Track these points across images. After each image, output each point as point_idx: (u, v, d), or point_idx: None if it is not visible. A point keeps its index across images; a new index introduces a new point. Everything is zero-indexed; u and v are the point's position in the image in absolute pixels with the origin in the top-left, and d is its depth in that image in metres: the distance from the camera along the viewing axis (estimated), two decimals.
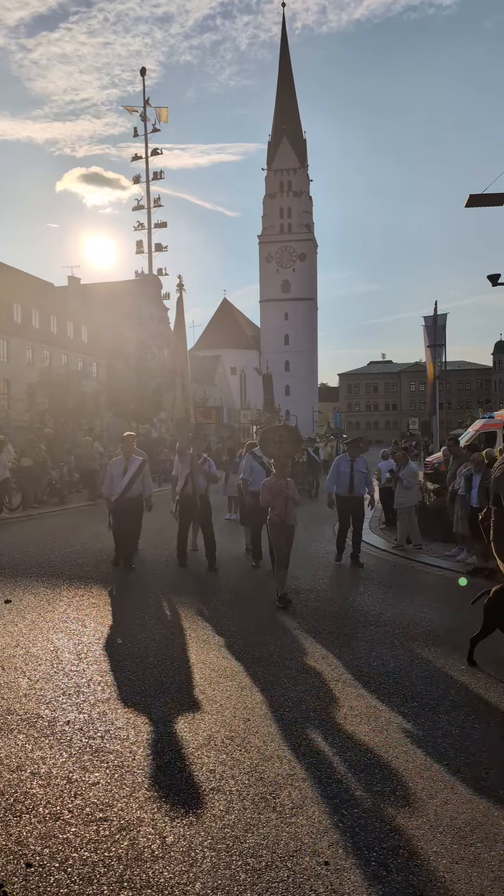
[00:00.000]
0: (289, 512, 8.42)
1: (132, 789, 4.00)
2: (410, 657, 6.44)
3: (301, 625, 7.49)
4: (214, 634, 7.16)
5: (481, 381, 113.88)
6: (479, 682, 5.79)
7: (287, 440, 8.86)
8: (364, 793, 3.96)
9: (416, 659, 6.39)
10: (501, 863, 3.31)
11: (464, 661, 6.24)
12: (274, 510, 8.36)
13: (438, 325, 26.01)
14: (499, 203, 15.19)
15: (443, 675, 5.96)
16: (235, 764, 4.32)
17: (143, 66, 60.22)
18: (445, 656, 6.45)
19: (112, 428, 39.61)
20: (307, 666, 6.18)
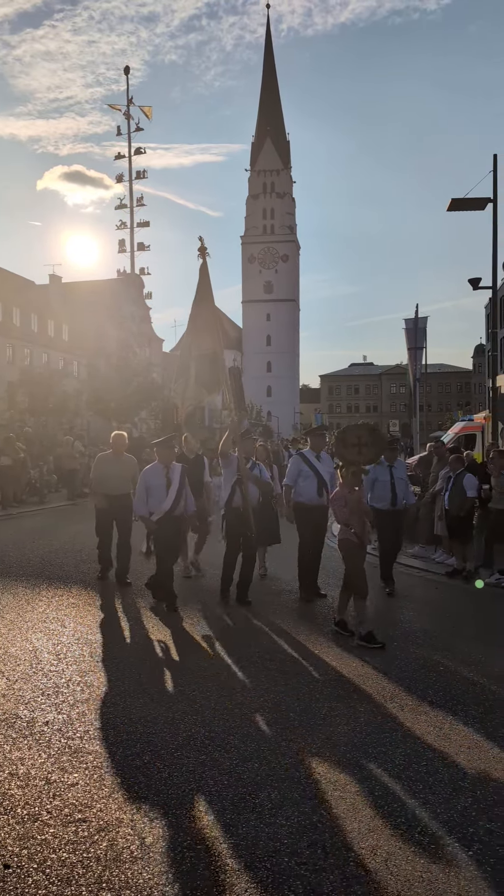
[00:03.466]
0: (366, 531, 7.26)
1: (111, 790, 3.99)
2: (390, 658, 6.47)
3: (281, 626, 7.50)
4: (195, 635, 7.15)
5: (461, 383, 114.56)
6: (459, 683, 5.83)
7: (369, 443, 7.35)
8: (343, 793, 3.98)
9: (396, 660, 6.42)
10: (479, 863, 3.33)
11: (443, 663, 6.27)
12: (350, 528, 7.10)
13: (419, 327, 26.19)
14: (480, 207, 15.36)
15: (422, 676, 5.99)
16: (215, 764, 4.32)
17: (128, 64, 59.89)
18: (424, 657, 6.48)
19: (92, 427, 39.45)
20: (287, 667, 6.20)
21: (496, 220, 15.48)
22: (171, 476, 8.26)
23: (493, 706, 5.32)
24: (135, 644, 6.84)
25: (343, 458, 7.38)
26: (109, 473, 9.57)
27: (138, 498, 8.36)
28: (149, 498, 8.25)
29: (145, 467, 8.61)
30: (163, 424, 39.54)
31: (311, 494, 8.75)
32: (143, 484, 8.33)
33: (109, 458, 9.70)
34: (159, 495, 8.20)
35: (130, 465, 9.73)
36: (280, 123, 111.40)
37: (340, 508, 7.14)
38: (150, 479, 8.30)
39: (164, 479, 8.23)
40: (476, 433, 22.12)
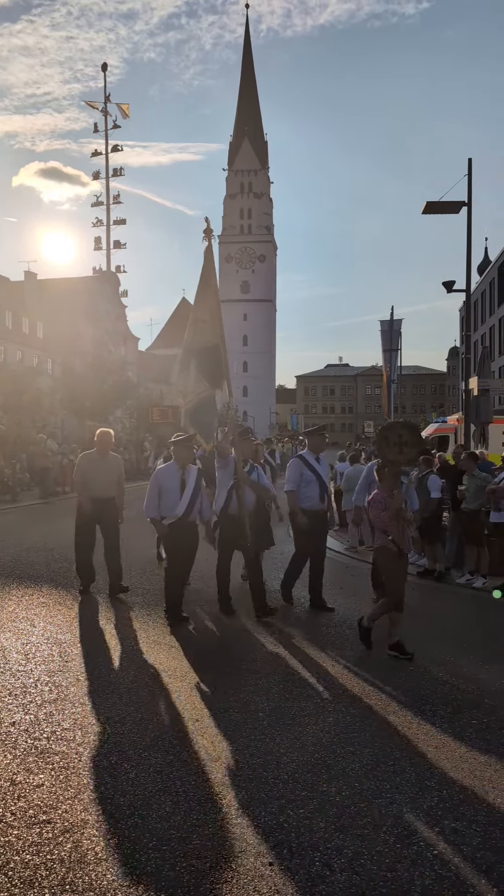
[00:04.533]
0: (406, 539, 6.76)
1: (77, 791, 3.96)
2: (359, 658, 6.48)
3: (251, 626, 7.49)
4: (165, 635, 7.12)
5: (435, 385, 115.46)
6: (428, 683, 5.86)
7: (409, 442, 6.75)
8: (310, 793, 3.98)
9: (365, 660, 6.44)
10: (443, 862, 3.35)
11: (412, 663, 6.30)
12: (388, 535, 6.58)
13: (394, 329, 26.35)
14: (454, 211, 15.45)
15: (391, 676, 6.01)
16: (183, 765, 4.30)
17: (106, 62, 59.63)
18: (394, 657, 6.50)
19: (66, 425, 39.18)
20: (256, 667, 6.19)
21: (470, 224, 15.59)
22: (186, 478, 7.63)
23: (461, 706, 5.36)
24: (105, 644, 6.80)
25: (385, 457, 6.78)
26: (94, 474, 8.83)
27: (149, 500, 7.62)
28: (161, 501, 7.60)
29: (159, 466, 8.12)
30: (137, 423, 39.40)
31: (314, 500, 8.28)
32: (155, 485, 7.63)
33: (94, 457, 8.97)
34: (172, 498, 7.55)
35: (117, 466, 9.06)
36: (258, 124, 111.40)
37: (380, 513, 6.55)
38: (163, 479, 7.62)
39: (179, 482, 7.60)
40: (449, 435, 22.26)
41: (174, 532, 7.56)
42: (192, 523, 7.68)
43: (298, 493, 8.27)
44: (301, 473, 8.30)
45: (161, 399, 49.61)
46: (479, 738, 4.78)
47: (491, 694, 5.61)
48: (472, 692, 5.65)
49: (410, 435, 6.79)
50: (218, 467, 8.24)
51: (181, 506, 7.52)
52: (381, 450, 6.85)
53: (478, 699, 5.49)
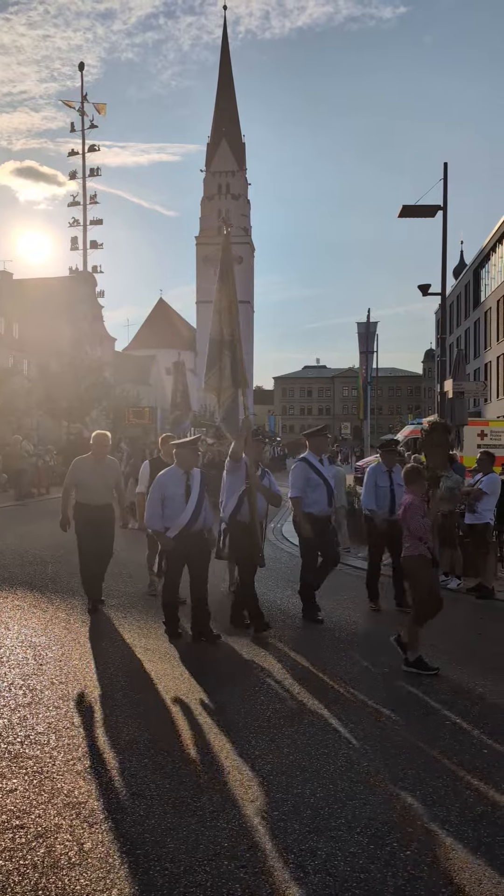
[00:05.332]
0: (437, 547, 6.52)
1: (51, 795, 3.94)
2: (335, 660, 6.51)
3: (225, 628, 7.48)
4: (140, 638, 7.10)
5: (411, 387, 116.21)
6: (401, 684, 5.90)
7: (441, 443, 6.37)
8: (284, 795, 3.99)
9: (341, 661, 6.47)
10: (416, 863, 3.37)
11: (387, 664, 6.34)
12: (425, 542, 6.22)
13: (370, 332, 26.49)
14: (430, 215, 15.57)
15: (366, 677, 6.05)
16: (157, 768, 4.29)
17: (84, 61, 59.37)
18: (370, 658, 6.54)
19: (42, 426, 38.93)
20: (231, 670, 6.20)
21: (446, 228, 15.72)
22: (191, 483, 7.08)
23: (435, 707, 5.40)
24: (80, 648, 6.76)
25: (430, 460, 6.33)
26: (90, 480, 8.11)
27: (152, 510, 7.05)
28: (164, 509, 7.04)
29: (161, 471, 7.40)
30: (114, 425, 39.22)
31: (321, 505, 7.88)
32: (157, 492, 7.02)
33: (89, 462, 8.21)
34: (177, 506, 6.98)
35: (114, 471, 8.41)
36: (236, 125, 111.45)
37: (420, 520, 6.19)
38: (167, 486, 7.03)
39: (184, 488, 7.03)
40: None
41: (180, 544, 6.98)
42: (198, 532, 7.13)
43: (304, 499, 7.88)
44: (307, 478, 7.88)
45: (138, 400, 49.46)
46: (453, 738, 4.83)
47: (464, 695, 5.66)
48: (445, 693, 5.69)
49: (441, 436, 6.39)
50: (228, 471, 7.74)
51: (186, 513, 6.97)
52: (429, 451, 6.36)
53: (451, 700, 5.54)
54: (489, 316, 49.56)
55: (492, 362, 48.54)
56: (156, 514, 7.02)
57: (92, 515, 8.04)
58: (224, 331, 7.91)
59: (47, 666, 6.17)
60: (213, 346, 7.99)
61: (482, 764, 4.44)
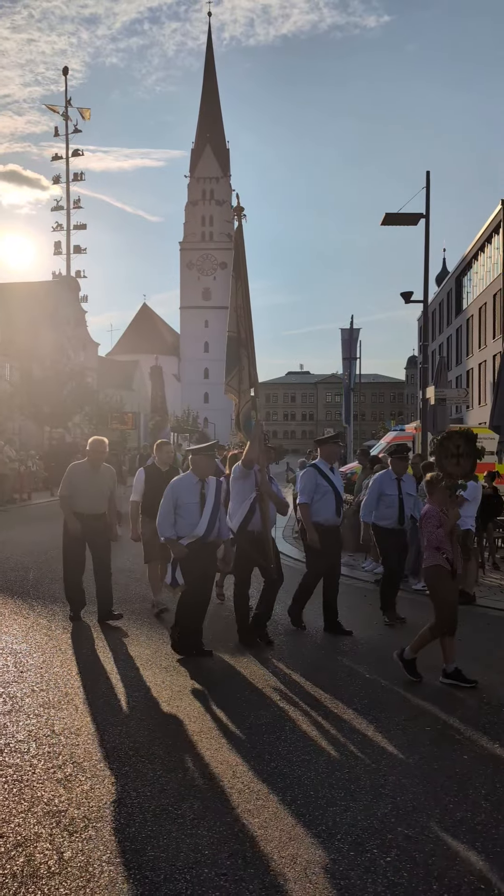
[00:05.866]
0: (459, 557, 6.43)
1: (31, 804, 3.92)
2: (317, 667, 6.53)
3: (210, 634, 7.47)
4: (122, 644, 7.08)
5: (394, 394, 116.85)
6: (382, 690, 5.93)
7: (466, 453, 6.22)
8: (265, 802, 4.00)
9: (323, 668, 6.48)
10: (396, 869, 3.39)
11: (368, 670, 6.36)
12: (443, 553, 6.12)
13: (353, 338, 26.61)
14: (413, 222, 15.69)
15: (347, 683, 6.07)
16: (138, 776, 4.28)
17: (68, 65, 59.39)
18: (352, 665, 6.57)
19: (24, 431, 38.71)
20: (214, 676, 6.19)
21: (428, 236, 15.84)
22: (206, 492, 6.76)
23: (415, 713, 5.43)
24: (61, 655, 6.73)
25: (443, 469, 6.25)
26: (85, 488, 7.84)
27: (163, 517, 6.71)
28: (178, 518, 6.74)
29: (174, 477, 7.18)
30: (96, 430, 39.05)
31: (329, 513, 7.72)
32: (170, 500, 6.72)
33: (84, 468, 7.94)
34: (192, 516, 6.66)
35: (109, 478, 8.09)
36: (220, 131, 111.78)
37: (434, 530, 6.12)
38: (181, 494, 6.72)
39: (199, 496, 6.71)
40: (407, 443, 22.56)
41: (194, 554, 6.63)
42: (212, 544, 6.82)
43: (312, 506, 7.72)
44: (316, 484, 7.72)
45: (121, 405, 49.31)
46: (433, 745, 4.85)
47: (444, 701, 5.69)
48: (426, 699, 5.72)
49: (468, 445, 6.24)
50: (236, 478, 7.40)
51: (202, 523, 6.65)
52: (440, 461, 6.26)
53: (431, 706, 5.57)
54: (471, 323, 49.93)
55: (473, 369, 48.90)
56: (168, 522, 6.70)
57: (85, 525, 7.79)
58: (241, 330, 7.71)
59: (28, 673, 6.14)
60: (231, 345, 7.77)
61: (462, 770, 4.47)
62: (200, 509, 6.67)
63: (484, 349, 45.74)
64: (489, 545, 12.28)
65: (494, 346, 42.25)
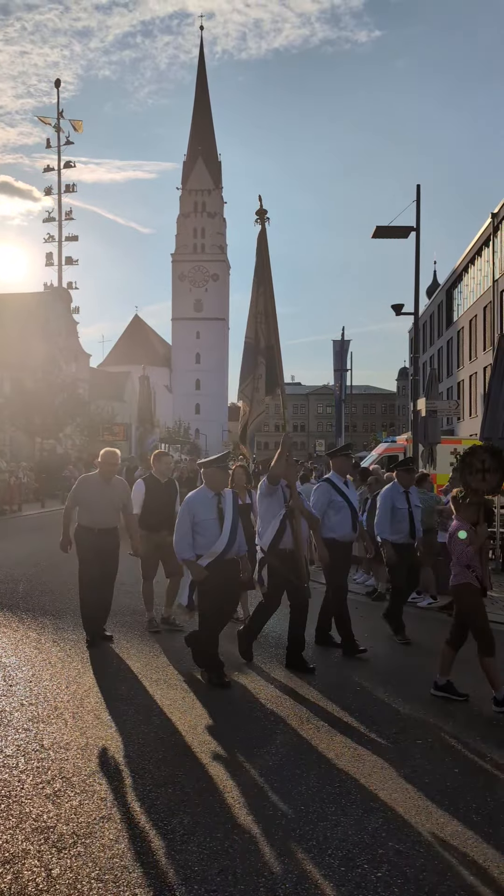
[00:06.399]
0: (488, 574, 6.16)
1: (19, 820, 3.88)
2: (307, 680, 6.50)
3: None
4: (112, 658, 7.04)
5: (385, 405, 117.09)
6: (373, 703, 5.91)
7: (492, 468, 6.07)
8: (255, 816, 3.97)
9: (312, 681, 6.45)
10: (387, 884, 3.37)
11: (359, 683, 6.34)
12: (472, 570, 5.98)
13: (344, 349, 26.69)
14: (403, 236, 15.77)
15: (338, 696, 6.04)
16: (127, 791, 4.25)
17: (60, 78, 59.60)
18: (341, 678, 6.54)
19: (15, 442, 38.59)
20: (205, 690, 6.16)
21: (419, 249, 15.93)
22: (223, 506, 6.44)
23: (406, 726, 5.41)
24: (51, 668, 6.69)
25: (468, 485, 6.12)
26: (97, 501, 7.46)
27: (181, 536, 6.36)
28: (195, 536, 6.41)
29: (188, 493, 6.71)
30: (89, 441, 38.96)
31: (345, 529, 7.51)
32: (187, 518, 6.35)
33: (96, 481, 7.53)
34: (210, 532, 6.33)
35: (122, 492, 7.71)
36: (212, 144, 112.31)
37: (464, 547, 5.99)
38: (197, 509, 6.36)
39: (216, 511, 6.39)
40: (399, 455, 22.60)
41: (214, 573, 6.30)
42: (233, 561, 6.51)
43: (326, 522, 7.53)
44: (330, 500, 7.50)
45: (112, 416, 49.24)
46: (424, 758, 4.84)
47: (435, 714, 5.68)
48: (416, 713, 5.71)
49: (493, 460, 6.10)
50: (262, 495, 7.02)
51: (221, 540, 6.32)
52: (464, 477, 6.13)
53: (422, 719, 5.56)
54: (461, 335, 50.15)
55: (464, 381, 49.07)
56: (186, 541, 6.34)
57: (97, 541, 7.42)
58: (261, 337, 7.46)
59: (17, 687, 6.10)
60: (247, 352, 7.52)
61: (453, 784, 4.46)
62: (220, 525, 6.36)
63: (474, 361, 45.93)
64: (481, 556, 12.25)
65: (485, 359, 42.43)
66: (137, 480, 8.51)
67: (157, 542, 8.08)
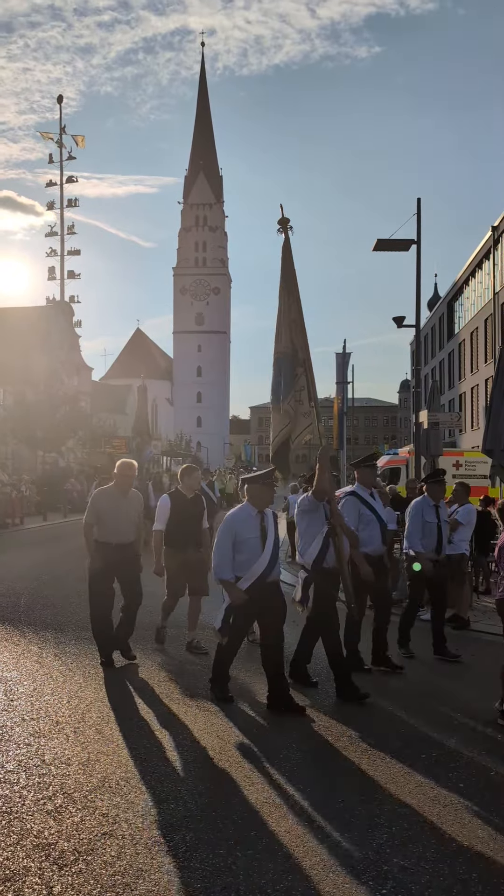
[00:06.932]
0: None
1: (20, 837, 3.84)
2: (310, 695, 6.45)
3: (199, 661, 7.40)
4: (114, 672, 7.00)
5: (387, 417, 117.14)
6: (378, 716, 5.87)
7: None
8: (258, 833, 3.93)
9: (317, 696, 6.41)
10: None
11: (359, 700, 6.28)
12: None
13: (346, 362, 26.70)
14: (404, 248, 15.80)
15: (341, 711, 6.00)
16: (130, 806, 4.21)
17: (63, 94, 60.14)
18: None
19: (17, 456, 38.61)
20: (207, 705, 6.12)
21: (420, 262, 15.96)
22: (266, 524, 6.09)
23: (411, 741, 5.37)
24: (52, 682, 6.65)
25: None
26: (114, 515, 7.18)
27: (221, 556, 5.95)
28: (236, 555, 6.00)
29: (229, 512, 6.31)
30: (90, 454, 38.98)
31: (375, 543, 7.19)
32: (228, 537, 5.97)
33: (112, 494, 7.27)
34: (251, 551, 5.96)
35: (137, 505, 7.44)
36: (213, 158, 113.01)
37: None
38: (239, 527, 6.00)
39: (259, 529, 6.04)
40: (401, 467, 22.58)
41: (255, 596, 5.93)
42: (273, 583, 6.15)
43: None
44: (359, 513, 7.14)
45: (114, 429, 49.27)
46: (428, 772, 4.79)
47: (439, 728, 5.64)
48: (420, 726, 5.67)
49: None
50: (304, 511, 6.65)
51: (263, 560, 5.96)
52: None
53: (426, 734, 5.51)
54: (463, 348, 50.22)
55: (466, 393, 49.09)
56: (226, 562, 5.95)
57: (112, 556, 7.12)
58: (297, 347, 7.09)
59: (18, 701, 6.06)
60: (285, 363, 7.10)
61: (458, 799, 4.41)
62: (262, 544, 6.00)
63: (476, 373, 45.97)
64: (483, 569, 12.25)
65: (486, 371, 42.46)
66: (163, 496, 8.19)
67: (182, 560, 7.73)
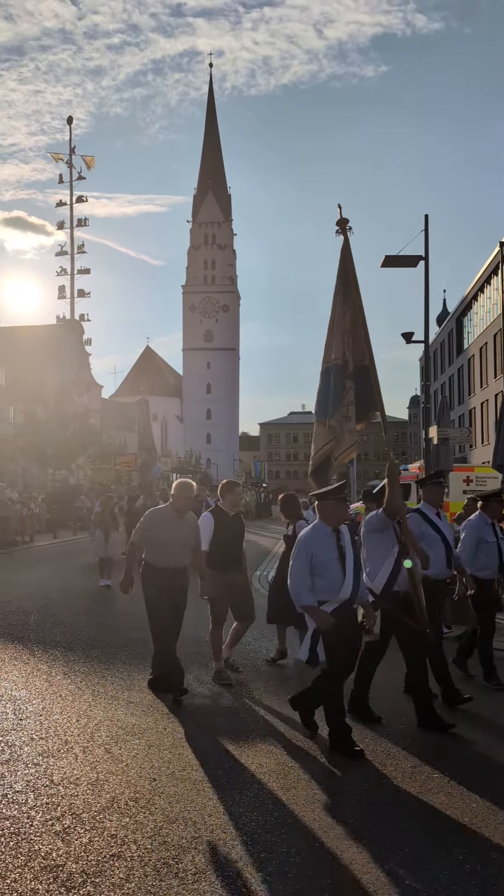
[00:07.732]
0: None
1: (28, 858, 3.81)
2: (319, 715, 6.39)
3: (206, 677, 7.35)
4: (124, 691, 6.96)
5: (397, 434, 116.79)
6: (390, 736, 5.80)
7: None
8: (268, 854, 3.88)
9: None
10: None
11: (373, 716, 6.22)
12: None
13: None
14: (412, 265, 15.86)
15: (354, 731, 5.93)
16: (138, 827, 4.17)
17: (73, 115, 60.84)
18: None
19: (27, 474, 38.73)
20: (217, 724, 6.07)
21: (428, 278, 16.00)
22: (343, 544, 5.58)
23: (424, 759, 5.29)
24: (61, 701, 6.62)
25: None
26: (169, 538, 6.76)
27: (299, 579, 5.52)
28: (314, 579, 5.56)
29: (303, 529, 5.92)
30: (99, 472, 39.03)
31: (440, 565, 6.74)
32: (305, 558, 5.51)
33: (168, 515, 6.85)
34: (331, 574, 5.48)
35: (193, 528, 7.00)
36: (222, 177, 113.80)
37: None
38: (315, 547, 5.53)
39: (336, 549, 5.55)
40: (411, 483, 22.49)
41: (339, 622, 5.46)
42: (353, 611, 5.71)
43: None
44: (421, 532, 6.64)
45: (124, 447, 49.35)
46: (441, 792, 4.73)
47: (452, 748, 5.57)
48: (433, 746, 5.60)
49: None
50: (372, 530, 6.23)
51: (347, 584, 5.49)
52: None
53: (439, 754, 5.44)
54: (472, 363, 50.18)
55: (476, 408, 48.99)
56: (306, 585, 5.50)
57: (168, 582, 6.72)
58: (350, 358, 6.72)
59: (27, 721, 6.03)
60: (335, 377, 6.73)
61: (471, 819, 4.35)
62: (342, 565, 5.52)
63: (486, 388, 45.89)
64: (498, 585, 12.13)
65: (496, 386, 42.39)
66: (204, 513, 7.75)
67: (228, 583, 7.39)
